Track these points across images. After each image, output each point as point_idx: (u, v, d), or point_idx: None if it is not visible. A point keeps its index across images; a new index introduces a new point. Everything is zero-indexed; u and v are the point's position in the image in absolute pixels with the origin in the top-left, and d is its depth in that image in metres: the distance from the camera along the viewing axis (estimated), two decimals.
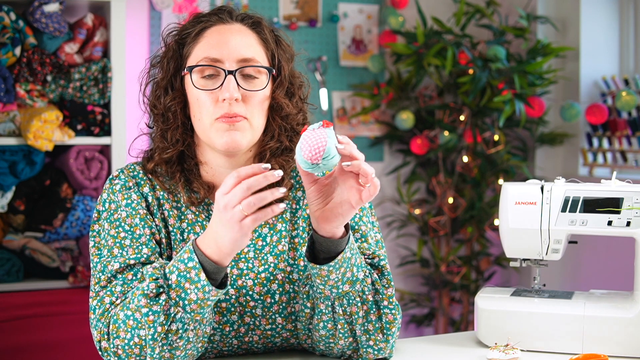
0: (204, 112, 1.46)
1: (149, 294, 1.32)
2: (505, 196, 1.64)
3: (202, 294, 1.29)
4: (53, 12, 2.67)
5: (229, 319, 1.48)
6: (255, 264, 1.50)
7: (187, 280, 1.30)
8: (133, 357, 1.34)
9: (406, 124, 3.52)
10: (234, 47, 1.47)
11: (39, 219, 2.75)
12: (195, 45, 1.49)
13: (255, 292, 1.48)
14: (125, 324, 1.33)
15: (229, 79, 1.44)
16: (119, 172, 1.53)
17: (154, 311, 1.31)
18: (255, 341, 1.51)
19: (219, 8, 1.54)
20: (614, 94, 3.46)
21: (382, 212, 3.75)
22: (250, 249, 1.50)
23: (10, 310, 2.58)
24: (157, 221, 1.48)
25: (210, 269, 1.30)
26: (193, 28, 1.51)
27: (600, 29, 3.59)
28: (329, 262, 1.36)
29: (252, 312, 1.48)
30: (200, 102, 1.46)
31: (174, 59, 1.51)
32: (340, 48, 3.67)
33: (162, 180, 1.52)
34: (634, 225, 1.56)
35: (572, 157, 3.65)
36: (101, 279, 1.42)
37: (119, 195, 1.49)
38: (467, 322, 3.61)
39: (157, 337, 1.31)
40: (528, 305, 1.60)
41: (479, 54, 3.47)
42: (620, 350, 1.54)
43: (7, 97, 2.62)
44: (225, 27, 1.50)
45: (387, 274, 1.47)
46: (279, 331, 1.50)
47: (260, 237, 1.52)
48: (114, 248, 1.44)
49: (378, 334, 1.44)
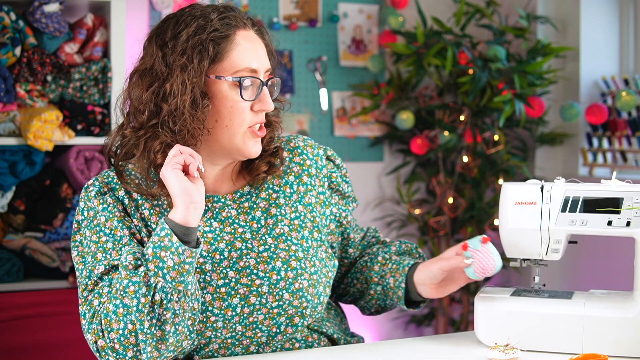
0: (238, 120, 1.48)
1: (127, 265, 1.36)
2: (505, 196, 1.64)
3: (177, 256, 1.35)
4: (53, 12, 2.67)
5: (230, 303, 1.49)
6: (254, 244, 1.53)
7: (161, 249, 1.35)
8: (130, 348, 1.35)
9: (406, 124, 3.52)
10: (263, 57, 1.53)
11: (39, 219, 2.75)
12: (232, 50, 1.48)
13: (260, 270, 1.51)
14: (116, 313, 1.35)
15: (265, 91, 1.51)
16: (93, 179, 1.55)
17: (134, 282, 1.35)
18: (260, 321, 1.51)
19: (230, 9, 1.53)
20: (614, 94, 3.46)
21: (382, 212, 3.75)
22: (246, 230, 1.54)
23: (10, 310, 2.58)
24: (135, 222, 1.51)
25: (180, 232, 1.37)
26: (222, 30, 1.47)
27: (600, 29, 3.59)
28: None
29: (259, 290, 1.50)
30: (235, 110, 1.48)
31: (208, 59, 1.46)
32: (340, 48, 3.67)
33: (138, 183, 1.52)
34: (633, 225, 1.55)
35: (572, 157, 3.65)
36: (88, 284, 1.45)
37: (95, 202, 1.51)
38: (467, 322, 3.61)
39: (142, 308, 1.34)
40: (528, 305, 1.60)
41: (479, 54, 3.47)
42: (620, 350, 1.54)
43: (7, 97, 2.62)
44: (249, 34, 1.52)
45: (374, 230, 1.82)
46: (286, 308, 1.51)
47: (254, 220, 1.55)
48: (97, 253, 1.46)
49: None
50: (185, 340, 1.42)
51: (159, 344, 1.36)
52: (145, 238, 1.50)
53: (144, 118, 1.48)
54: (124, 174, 1.54)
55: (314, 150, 1.66)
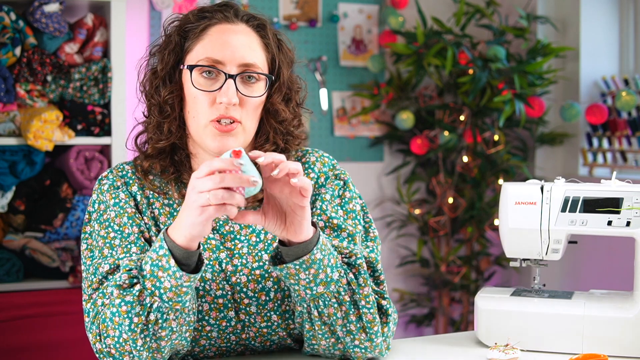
0: (200, 111, 1.45)
1: (122, 284, 1.33)
2: (505, 196, 1.64)
3: (175, 280, 1.29)
4: (53, 12, 2.67)
5: (225, 315, 1.47)
6: (249, 259, 1.49)
7: (159, 269, 1.30)
8: (126, 355, 1.34)
9: (406, 124, 3.52)
10: (236, 50, 1.46)
11: (39, 219, 2.75)
12: (198, 42, 1.47)
13: (249, 289, 1.48)
14: (112, 321, 1.33)
15: (229, 83, 1.44)
16: (108, 172, 1.53)
17: (127, 301, 1.31)
18: (252, 338, 1.50)
19: (224, 4, 1.52)
20: (614, 94, 3.46)
21: (382, 212, 3.75)
22: (244, 244, 1.50)
23: (10, 310, 2.58)
24: (146, 219, 1.48)
25: (179, 255, 1.29)
26: (197, 23, 1.49)
27: (600, 29, 3.59)
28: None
29: (247, 309, 1.48)
30: (197, 101, 1.45)
31: (175, 51, 1.49)
32: (340, 48, 3.67)
33: (152, 179, 1.51)
34: (633, 225, 1.56)
35: (572, 157, 3.65)
36: (93, 281, 1.43)
37: (107, 195, 1.49)
38: (467, 322, 3.61)
39: (134, 327, 1.31)
40: (528, 305, 1.60)
41: (479, 54, 3.47)
42: (620, 350, 1.54)
43: (7, 97, 2.62)
44: (229, 27, 1.48)
45: (364, 272, 1.44)
46: (275, 329, 1.50)
47: (254, 233, 1.51)
48: (104, 249, 1.44)
49: (360, 333, 1.43)
50: (182, 347, 1.42)
51: (155, 354, 1.35)
52: (154, 237, 1.47)
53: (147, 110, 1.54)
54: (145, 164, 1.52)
55: (323, 168, 1.57)
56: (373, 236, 1.57)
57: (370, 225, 1.58)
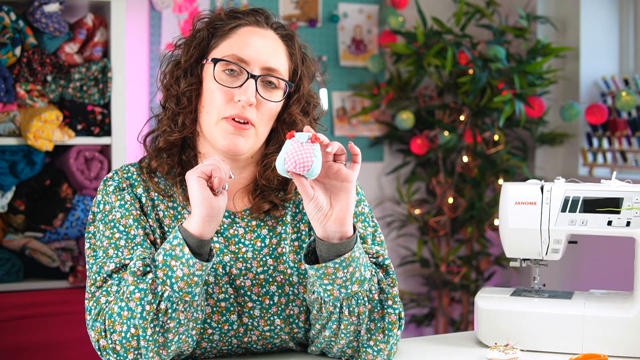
0: (214, 106, 1.46)
1: (135, 271, 1.35)
2: (505, 196, 1.64)
3: (187, 268, 1.32)
4: (53, 12, 2.67)
5: (228, 319, 1.48)
6: (253, 264, 1.49)
7: (172, 258, 1.33)
8: (131, 351, 1.35)
9: (406, 124, 3.52)
10: (262, 53, 1.48)
11: (39, 219, 2.75)
12: (225, 39, 1.50)
13: (253, 293, 1.48)
14: (120, 316, 1.34)
15: (250, 83, 1.46)
16: (113, 173, 1.53)
17: (140, 289, 1.33)
18: (254, 341, 1.51)
19: (257, 9, 1.55)
20: (614, 94, 3.46)
21: (382, 212, 3.75)
22: (249, 249, 1.51)
23: (10, 310, 2.58)
24: (151, 222, 1.49)
25: (193, 244, 1.33)
26: (228, 22, 1.51)
27: (600, 29, 3.59)
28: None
29: (250, 313, 1.48)
30: (214, 96, 1.47)
31: (201, 46, 1.51)
32: (340, 48, 3.67)
33: (157, 181, 1.52)
34: (633, 225, 1.56)
35: (572, 157, 3.65)
36: (97, 279, 1.43)
37: (113, 197, 1.49)
38: (467, 322, 3.61)
39: (146, 315, 1.33)
40: (528, 305, 1.60)
41: (479, 54, 3.47)
42: (620, 350, 1.54)
43: (7, 97, 2.62)
44: (258, 31, 1.51)
45: (392, 273, 1.48)
46: (278, 332, 1.50)
47: (259, 238, 1.52)
48: (109, 249, 1.45)
49: (379, 333, 1.44)
50: (187, 347, 1.42)
51: (161, 350, 1.36)
52: (158, 240, 1.48)
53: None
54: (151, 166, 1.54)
55: None
56: (380, 240, 1.58)
57: (377, 229, 1.59)
